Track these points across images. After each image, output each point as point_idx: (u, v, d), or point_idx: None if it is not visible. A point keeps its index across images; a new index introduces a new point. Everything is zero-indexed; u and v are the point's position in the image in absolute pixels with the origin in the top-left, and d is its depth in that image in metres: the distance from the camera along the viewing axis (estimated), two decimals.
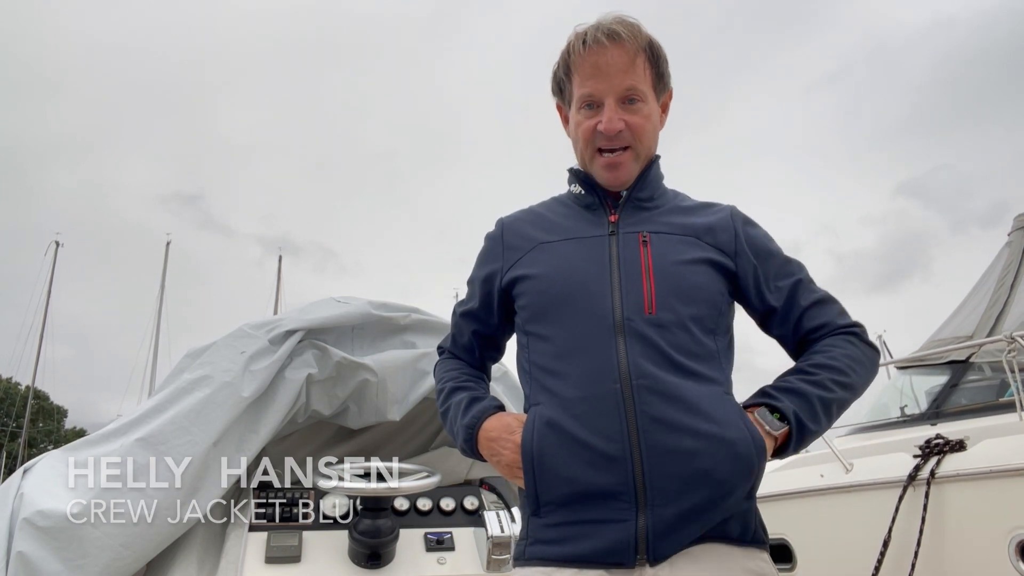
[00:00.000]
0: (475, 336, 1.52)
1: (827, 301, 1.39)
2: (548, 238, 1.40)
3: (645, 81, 1.36)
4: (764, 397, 1.27)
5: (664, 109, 1.45)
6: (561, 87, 1.44)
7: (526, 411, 1.33)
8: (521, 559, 1.27)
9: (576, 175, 1.46)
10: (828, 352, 1.32)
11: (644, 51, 1.35)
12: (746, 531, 1.24)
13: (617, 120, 1.34)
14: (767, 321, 1.41)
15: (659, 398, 1.20)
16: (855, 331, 1.37)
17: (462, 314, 1.53)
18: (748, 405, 1.27)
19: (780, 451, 1.26)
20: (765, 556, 1.25)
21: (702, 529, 1.19)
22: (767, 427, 1.22)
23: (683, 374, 1.23)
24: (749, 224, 1.43)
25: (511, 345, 1.54)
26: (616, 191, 1.41)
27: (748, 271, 1.37)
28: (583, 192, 1.44)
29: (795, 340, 1.39)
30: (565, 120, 1.48)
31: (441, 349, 1.60)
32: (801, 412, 1.24)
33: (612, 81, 1.34)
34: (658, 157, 1.45)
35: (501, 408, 1.39)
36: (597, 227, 1.38)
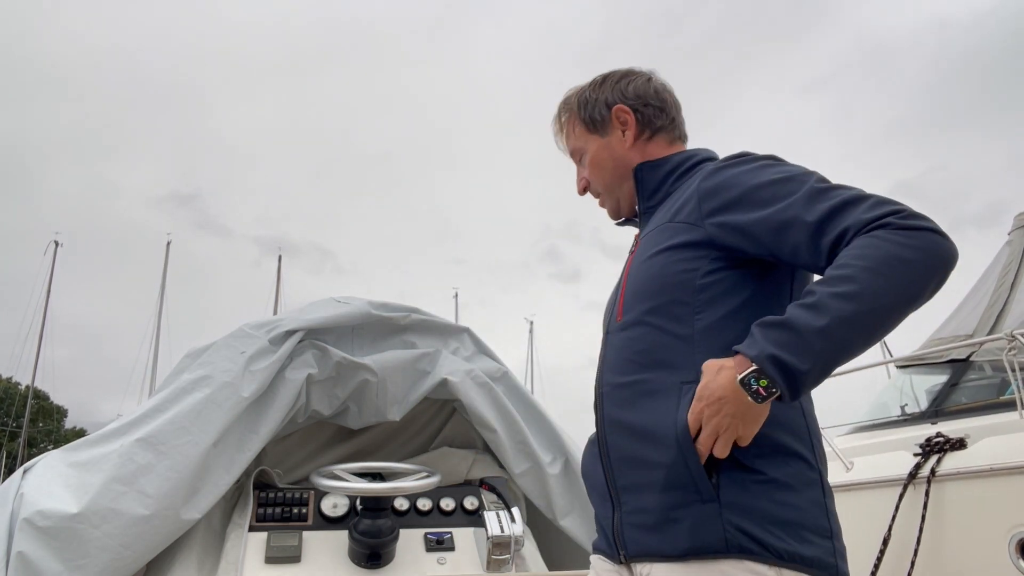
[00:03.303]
0: None
1: (847, 205, 1.12)
2: None
3: (579, 136, 1.52)
4: (745, 342, 1.11)
5: (625, 126, 1.46)
6: None
7: None
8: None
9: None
10: (840, 260, 1.08)
11: (569, 120, 1.54)
12: (714, 541, 1.11)
13: (579, 182, 1.55)
14: (784, 261, 1.20)
15: (614, 402, 1.29)
16: (884, 221, 1.08)
17: None
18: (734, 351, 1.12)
19: (779, 397, 1.08)
20: (758, 567, 1.09)
21: (658, 528, 1.16)
22: (740, 379, 1.08)
23: (640, 370, 1.25)
24: (716, 176, 1.27)
25: (514, 346, 1.65)
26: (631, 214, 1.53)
27: (720, 226, 1.22)
28: None
29: (827, 264, 1.12)
30: None
31: None
32: (785, 351, 1.05)
33: (569, 155, 1.58)
34: (639, 166, 1.44)
35: None
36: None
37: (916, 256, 1.06)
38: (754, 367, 1.08)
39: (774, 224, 1.17)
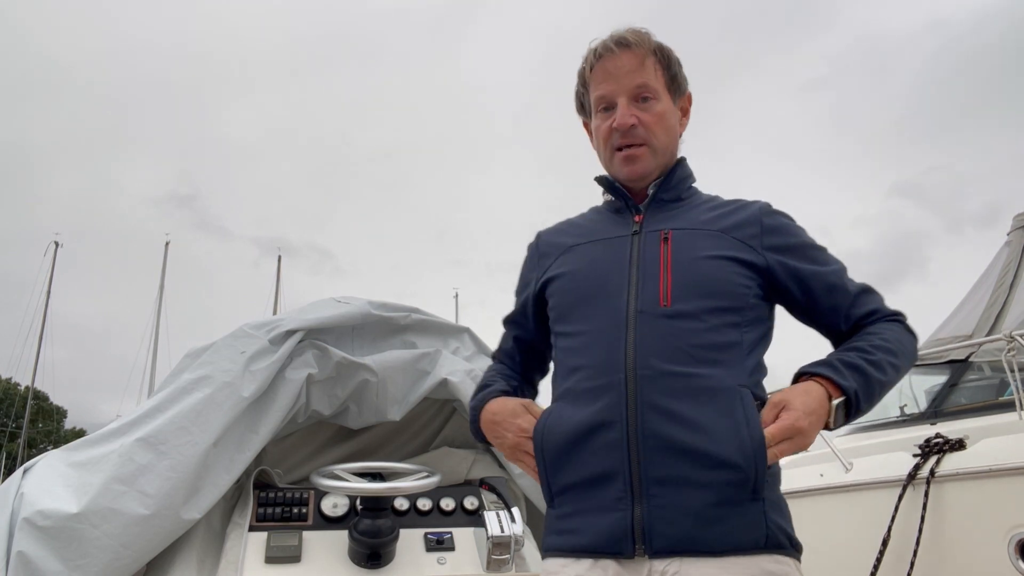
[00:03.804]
0: (516, 342, 1.59)
1: (872, 290, 1.40)
2: (577, 242, 1.46)
3: (657, 80, 1.42)
4: (828, 368, 1.25)
5: (684, 113, 1.50)
6: (582, 102, 1.50)
7: None
8: (544, 551, 1.33)
9: (602, 181, 1.50)
10: (883, 334, 1.33)
11: (654, 54, 1.42)
12: (758, 537, 1.18)
13: (629, 116, 1.39)
14: (812, 313, 1.40)
15: (661, 390, 1.22)
16: (902, 319, 1.40)
17: (505, 321, 1.61)
18: (808, 372, 1.26)
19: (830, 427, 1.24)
20: (785, 559, 1.20)
21: (701, 524, 1.16)
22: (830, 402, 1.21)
23: (694, 364, 1.23)
24: (778, 217, 1.42)
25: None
26: (641, 191, 1.44)
27: (781, 264, 1.35)
28: (613, 198, 1.49)
29: (846, 328, 1.38)
30: (591, 135, 1.52)
31: (493, 358, 1.66)
32: (861, 392, 1.23)
33: (623, 82, 1.40)
34: (683, 159, 1.48)
35: (508, 393, 1.44)
36: (622, 228, 1.41)
37: (915, 352, 1.38)
38: (845, 398, 1.22)
39: (828, 283, 1.37)
